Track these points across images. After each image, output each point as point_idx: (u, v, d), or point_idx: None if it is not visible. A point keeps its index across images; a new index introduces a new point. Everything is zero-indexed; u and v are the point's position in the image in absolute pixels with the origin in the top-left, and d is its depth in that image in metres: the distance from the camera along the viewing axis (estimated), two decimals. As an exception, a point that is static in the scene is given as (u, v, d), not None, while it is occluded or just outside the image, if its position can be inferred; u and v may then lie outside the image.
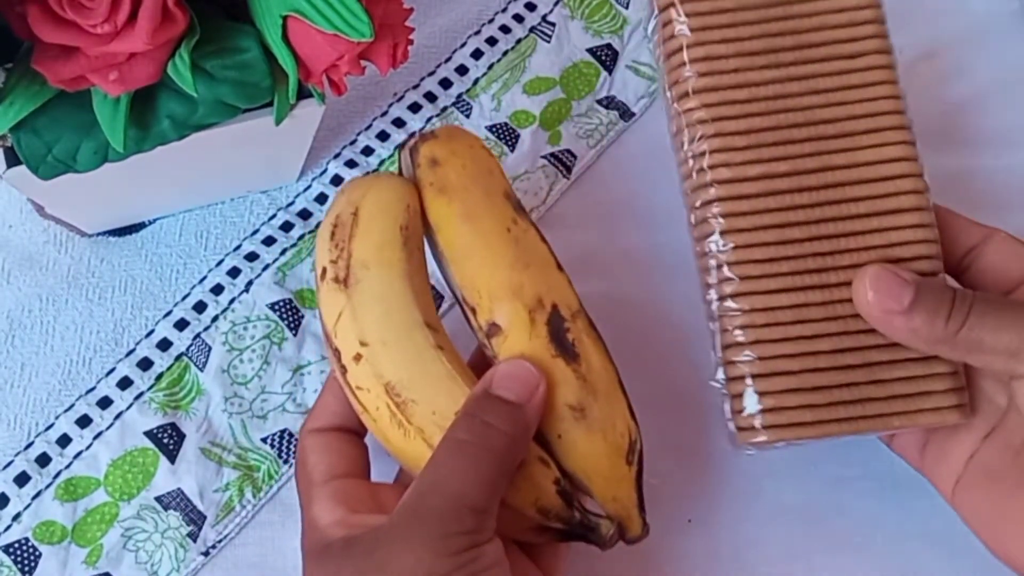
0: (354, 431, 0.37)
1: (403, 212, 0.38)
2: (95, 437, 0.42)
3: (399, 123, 0.50)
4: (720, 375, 0.37)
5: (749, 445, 0.36)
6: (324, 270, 0.37)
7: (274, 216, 0.47)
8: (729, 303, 0.36)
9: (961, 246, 0.38)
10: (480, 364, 0.38)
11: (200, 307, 0.45)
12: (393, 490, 0.36)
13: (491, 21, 0.53)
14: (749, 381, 0.36)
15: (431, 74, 0.51)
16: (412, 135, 0.45)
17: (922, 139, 0.53)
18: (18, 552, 0.40)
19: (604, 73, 0.52)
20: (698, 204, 0.38)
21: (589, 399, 0.36)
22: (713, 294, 0.37)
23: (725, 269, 0.36)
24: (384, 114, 0.50)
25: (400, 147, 0.39)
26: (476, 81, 0.51)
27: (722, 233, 0.37)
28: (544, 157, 0.50)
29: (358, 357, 0.36)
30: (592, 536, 0.36)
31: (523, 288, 0.37)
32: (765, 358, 0.36)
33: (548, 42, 0.53)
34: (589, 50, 0.53)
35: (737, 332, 0.36)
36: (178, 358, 0.44)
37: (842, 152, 0.37)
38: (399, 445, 0.36)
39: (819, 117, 0.37)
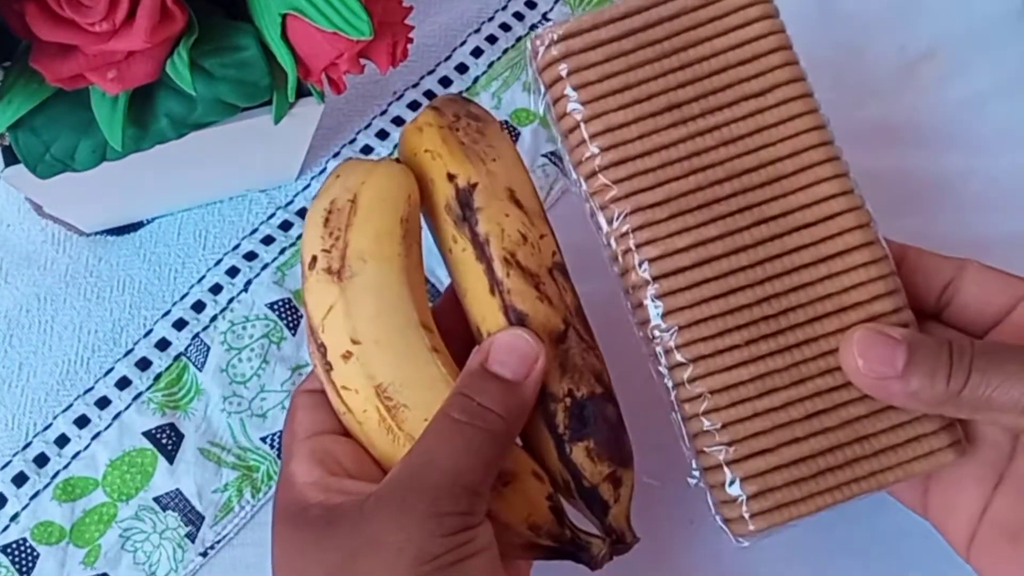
0: None
1: (404, 202, 0.35)
2: (93, 437, 0.42)
3: (399, 122, 0.50)
4: (695, 466, 0.34)
5: (742, 538, 0.34)
6: (314, 259, 0.34)
7: (273, 215, 0.47)
8: (687, 389, 0.33)
9: (935, 284, 0.35)
10: (447, 309, 0.37)
11: (199, 306, 0.45)
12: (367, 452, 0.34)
13: (491, 19, 0.53)
14: (727, 470, 0.33)
15: (431, 72, 0.51)
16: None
17: (922, 139, 0.53)
18: (16, 552, 0.40)
19: (604, 72, 0.52)
20: (630, 288, 0.34)
21: None
22: (668, 382, 0.34)
23: (675, 354, 0.33)
24: (384, 113, 0.50)
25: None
26: (476, 79, 0.51)
27: (663, 316, 0.33)
28: (545, 156, 0.50)
29: (347, 355, 0.34)
30: (582, 556, 0.35)
31: (472, 319, 0.36)
32: (738, 440, 0.33)
33: (548, 41, 0.53)
34: (589, 49, 0.53)
35: (703, 420, 0.33)
36: (177, 358, 0.44)
37: (773, 200, 0.33)
38: (386, 451, 0.34)
39: (741, 167, 0.34)
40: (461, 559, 0.29)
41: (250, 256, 0.46)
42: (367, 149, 0.49)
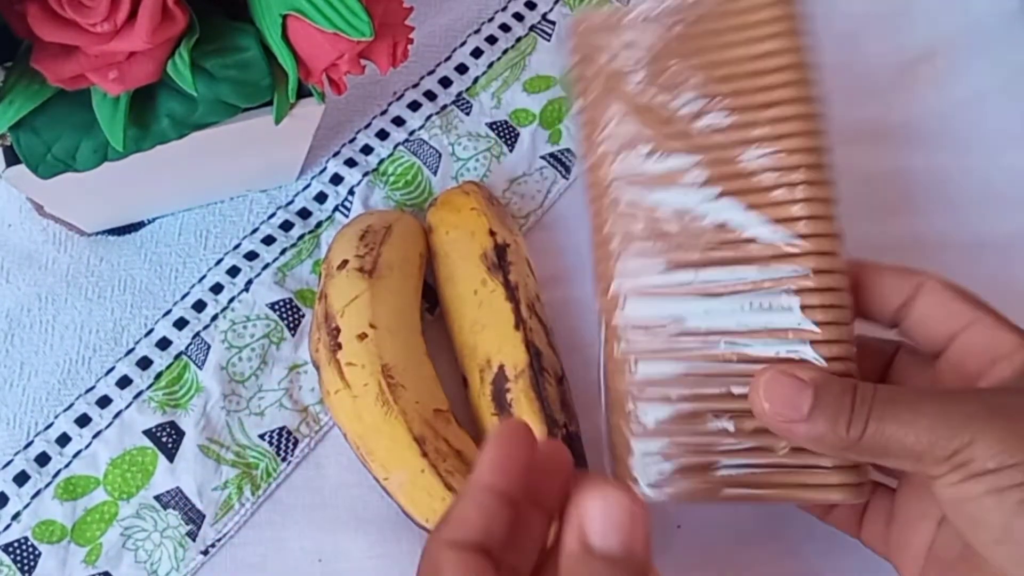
0: (492, 554, 0.29)
1: (423, 243, 0.45)
2: (94, 436, 0.42)
3: (399, 122, 0.50)
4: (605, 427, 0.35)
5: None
6: (345, 261, 0.42)
7: (274, 215, 0.47)
8: (618, 358, 0.35)
9: (891, 303, 0.35)
10: None
11: (199, 306, 0.45)
12: None
13: (491, 20, 0.53)
14: (633, 442, 0.34)
15: (431, 73, 0.51)
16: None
17: (920, 139, 0.54)
18: (18, 551, 0.40)
19: (604, 72, 0.52)
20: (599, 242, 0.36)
21: None
22: (602, 348, 0.36)
23: (617, 317, 0.35)
24: (384, 113, 0.50)
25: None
26: (476, 80, 0.51)
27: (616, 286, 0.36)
28: (543, 157, 0.50)
29: (363, 336, 0.40)
30: None
31: (476, 349, 0.42)
32: (655, 422, 0.34)
33: (548, 40, 0.53)
34: (589, 49, 0.53)
35: (629, 387, 0.34)
36: (177, 357, 0.44)
37: (749, 209, 0.34)
38: (373, 421, 0.40)
39: (723, 174, 0.35)
40: None
41: (251, 256, 0.46)
42: (367, 149, 0.49)
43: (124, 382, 0.43)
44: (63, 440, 0.42)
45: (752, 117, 0.34)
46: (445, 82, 0.51)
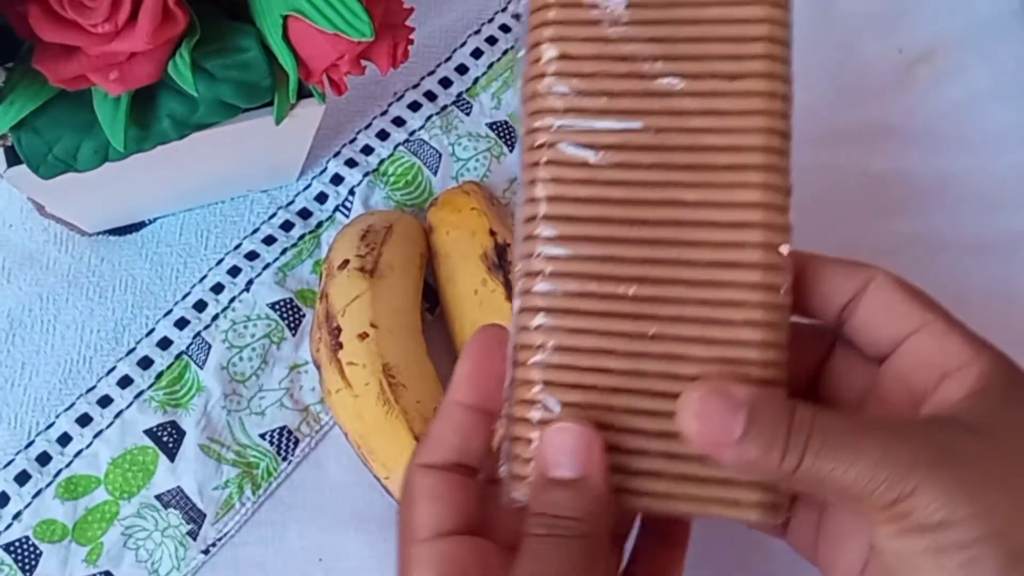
0: (469, 468, 0.31)
1: (423, 243, 0.45)
2: (95, 436, 0.42)
3: (399, 122, 0.50)
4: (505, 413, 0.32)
5: (517, 496, 0.31)
6: (346, 261, 0.42)
7: (274, 215, 0.47)
8: (528, 335, 0.30)
9: (836, 300, 0.31)
10: None
11: (200, 306, 0.45)
12: (498, 553, 0.31)
13: (491, 20, 0.53)
14: (536, 431, 0.30)
15: (431, 73, 0.51)
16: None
17: (920, 139, 0.54)
18: (19, 551, 0.40)
19: (604, 72, 0.53)
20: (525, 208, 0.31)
21: None
22: (514, 321, 0.31)
23: (532, 298, 0.30)
24: (384, 113, 0.50)
25: None
26: (476, 80, 0.51)
27: (538, 255, 0.31)
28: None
29: (364, 335, 0.41)
30: None
31: None
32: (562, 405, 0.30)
33: (548, 41, 0.53)
34: (589, 49, 0.53)
35: (531, 367, 0.30)
36: (178, 357, 0.44)
37: (693, 187, 0.30)
38: (374, 421, 0.40)
39: (674, 143, 0.31)
40: None
41: (251, 256, 0.46)
42: (367, 149, 0.49)
43: (125, 382, 0.43)
44: (64, 440, 0.42)
45: (716, 86, 0.31)
46: (445, 82, 0.51)
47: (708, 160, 0.30)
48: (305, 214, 0.47)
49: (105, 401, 0.43)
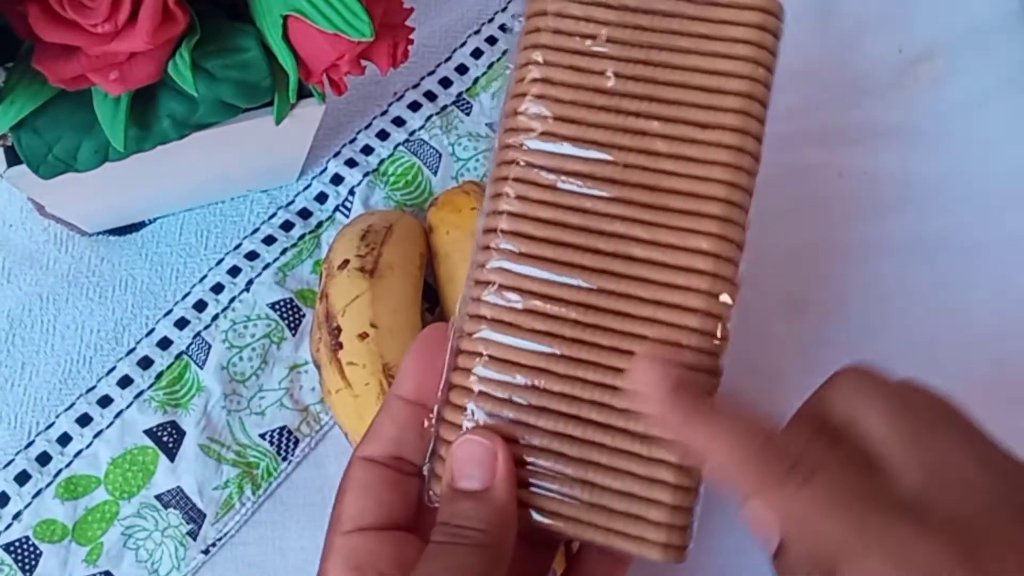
0: (408, 463, 0.32)
1: (423, 243, 0.45)
2: (95, 436, 0.42)
3: (399, 122, 0.50)
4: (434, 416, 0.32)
5: (436, 497, 0.31)
6: (346, 261, 0.42)
7: (274, 215, 0.47)
8: (468, 341, 0.31)
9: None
10: None
11: (200, 306, 0.45)
12: (417, 546, 0.31)
13: (491, 20, 0.53)
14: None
15: (431, 73, 0.51)
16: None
17: (920, 139, 0.54)
18: (19, 551, 0.40)
19: (604, 72, 0.53)
20: (482, 231, 0.32)
21: None
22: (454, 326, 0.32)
23: (479, 305, 0.31)
24: (384, 113, 0.50)
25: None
26: (476, 80, 0.51)
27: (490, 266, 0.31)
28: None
29: (363, 336, 0.41)
30: None
31: None
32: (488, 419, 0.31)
33: (548, 41, 0.53)
34: (589, 49, 0.53)
35: (470, 374, 0.31)
36: (178, 357, 0.44)
37: (648, 225, 0.31)
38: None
39: (636, 180, 0.31)
40: None
41: (251, 256, 0.46)
42: (368, 149, 0.49)
43: (125, 382, 0.43)
44: (64, 440, 0.42)
45: (687, 133, 0.31)
46: (445, 82, 0.51)
47: (668, 202, 0.31)
48: (305, 214, 0.47)
49: (105, 401, 0.43)
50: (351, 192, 0.48)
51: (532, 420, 0.30)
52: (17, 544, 0.40)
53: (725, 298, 0.31)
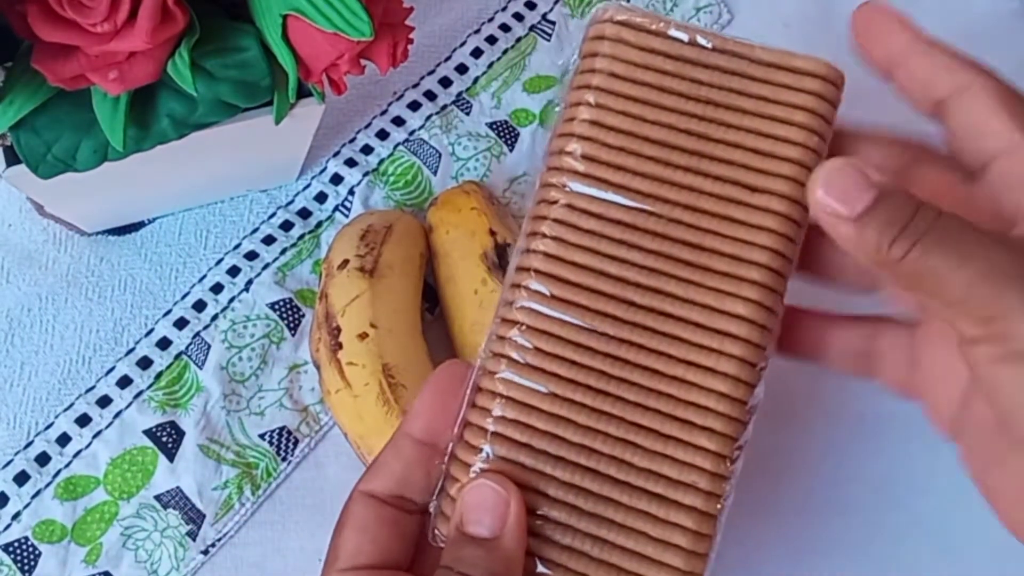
0: (411, 502, 0.31)
1: (423, 243, 0.45)
2: (94, 436, 0.42)
3: (399, 121, 0.50)
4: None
5: (441, 535, 0.30)
6: (346, 261, 0.42)
7: (274, 215, 0.47)
8: (489, 380, 0.30)
9: (934, 91, 0.31)
10: None
11: (200, 306, 0.45)
12: None
13: (491, 20, 0.53)
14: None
15: (431, 73, 0.51)
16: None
17: (922, 139, 0.54)
18: (18, 551, 0.40)
19: (604, 72, 0.52)
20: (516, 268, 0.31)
21: None
22: (478, 362, 0.31)
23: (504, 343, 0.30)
24: (384, 112, 0.50)
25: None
26: (476, 80, 0.51)
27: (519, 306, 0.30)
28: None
29: (363, 336, 0.41)
30: None
31: (476, 349, 0.39)
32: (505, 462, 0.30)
33: (548, 40, 0.53)
34: (589, 49, 0.53)
35: (486, 415, 0.30)
36: (177, 357, 0.44)
37: (687, 283, 0.30)
38: (374, 422, 0.40)
39: (680, 236, 0.30)
40: None
41: (251, 256, 0.46)
42: (367, 149, 0.49)
43: (124, 382, 0.43)
44: (63, 440, 0.42)
45: (735, 194, 0.31)
46: (445, 82, 0.51)
47: (708, 262, 0.30)
48: (305, 214, 0.47)
49: (104, 401, 0.43)
50: (351, 192, 0.48)
51: (548, 469, 0.29)
52: (16, 544, 0.40)
53: (760, 365, 0.30)
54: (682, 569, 0.29)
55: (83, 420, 0.42)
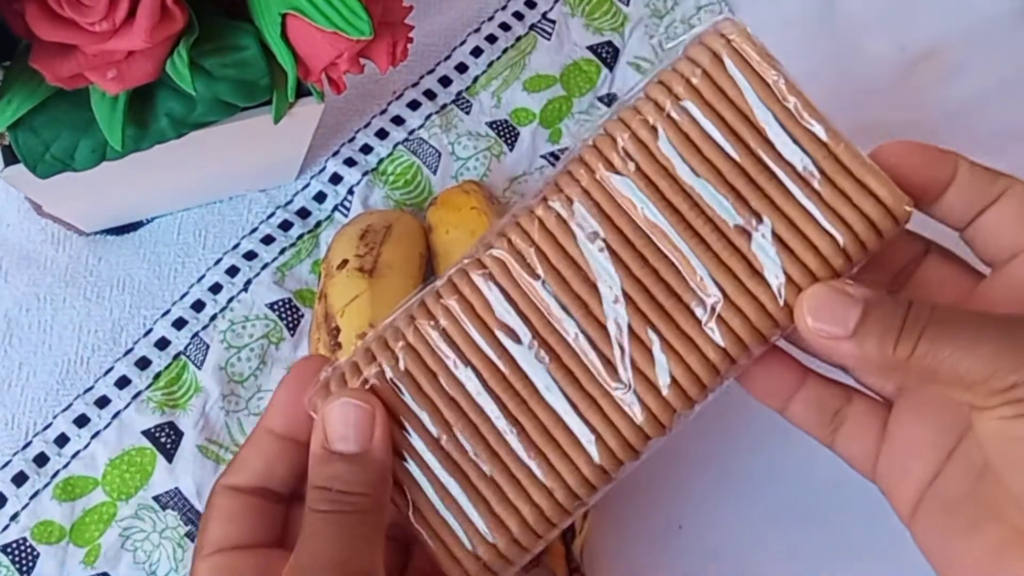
0: (274, 494, 0.32)
1: (423, 243, 0.45)
2: (93, 436, 0.42)
3: (398, 121, 0.50)
4: None
5: None
6: (345, 261, 0.42)
7: (273, 215, 0.47)
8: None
9: (974, 205, 0.32)
10: None
11: (198, 306, 0.45)
12: (284, 558, 0.30)
13: (491, 19, 0.53)
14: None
15: (431, 72, 0.51)
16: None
17: (922, 139, 0.53)
18: (16, 552, 0.40)
19: (605, 70, 0.52)
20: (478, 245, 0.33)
21: None
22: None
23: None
24: (383, 112, 0.50)
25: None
26: (476, 79, 0.51)
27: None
28: (543, 157, 0.50)
29: (363, 336, 0.40)
30: None
31: None
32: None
33: (548, 40, 0.53)
34: (590, 47, 0.53)
35: None
36: (176, 357, 0.44)
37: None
38: None
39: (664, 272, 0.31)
40: None
41: (250, 256, 0.46)
42: (367, 148, 0.49)
43: (123, 382, 0.43)
44: (62, 440, 0.42)
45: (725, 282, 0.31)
46: (445, 81, 0.51)
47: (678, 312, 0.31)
48: (304, 213, 0.47)
49: (103, 402, 0.43)
50: (350, 191, 0.48)
51: (436, 406, 0.31)
52: (15, 545, 0.40)
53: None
54: (504, 543, 0.30)
55: (81, 420, 0.42)
